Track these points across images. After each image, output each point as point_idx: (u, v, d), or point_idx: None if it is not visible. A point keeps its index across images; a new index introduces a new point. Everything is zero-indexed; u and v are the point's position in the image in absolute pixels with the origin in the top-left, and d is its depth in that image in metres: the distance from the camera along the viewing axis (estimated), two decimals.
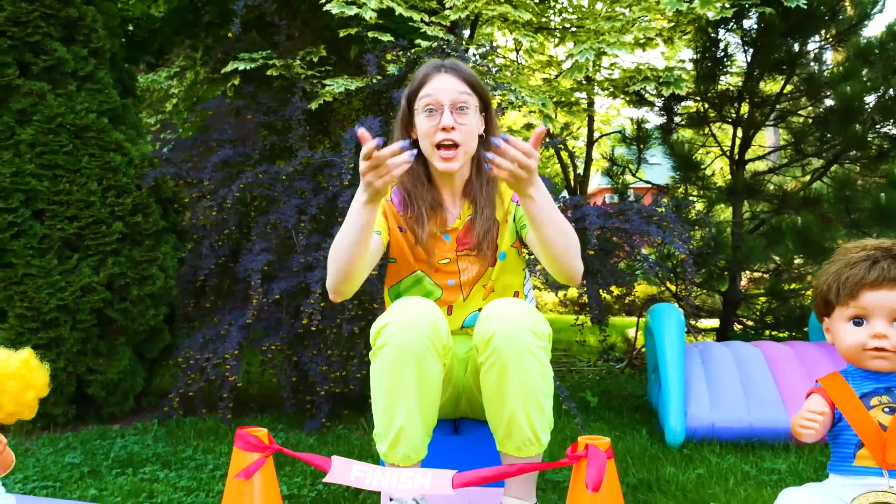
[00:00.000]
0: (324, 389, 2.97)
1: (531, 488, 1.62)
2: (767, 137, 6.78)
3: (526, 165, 1.44)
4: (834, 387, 0.99)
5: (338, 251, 1.61)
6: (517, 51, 6.15)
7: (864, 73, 3.50)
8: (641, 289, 5.64)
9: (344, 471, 1.22)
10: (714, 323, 4.45)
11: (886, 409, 0.94)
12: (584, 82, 4.84)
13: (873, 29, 4.66)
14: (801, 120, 4.02)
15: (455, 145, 1.73)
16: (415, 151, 1.49)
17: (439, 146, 1.73)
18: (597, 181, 9.35)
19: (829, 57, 4.26)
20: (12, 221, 2.89)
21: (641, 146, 4.11)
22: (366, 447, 2.63)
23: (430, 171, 1.86)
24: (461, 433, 1.98)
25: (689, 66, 4.33)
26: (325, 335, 3.04)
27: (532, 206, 1.53)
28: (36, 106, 3.02)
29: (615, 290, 3.91)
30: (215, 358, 2.97)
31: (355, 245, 1.57)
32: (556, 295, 7.71)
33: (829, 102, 3.86)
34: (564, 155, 6.89)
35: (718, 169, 4.52)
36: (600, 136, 6.70)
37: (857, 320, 0.98)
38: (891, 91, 3.48)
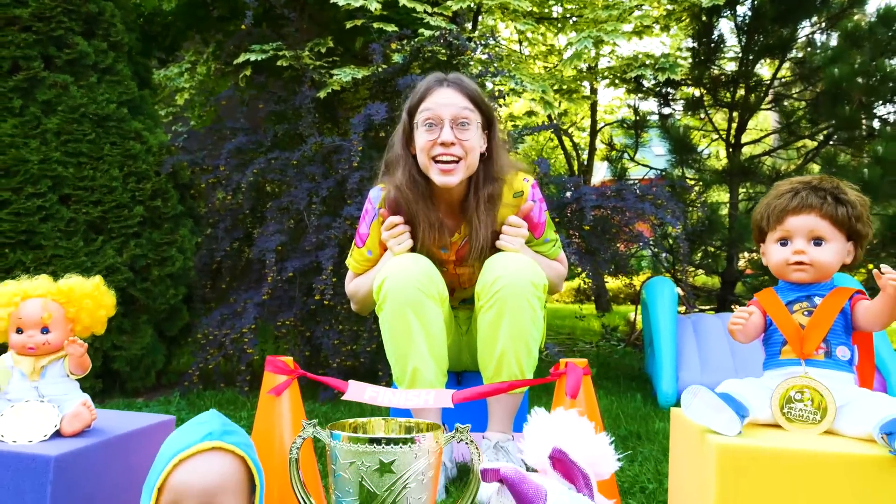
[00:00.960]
0: (335, 362, 3.21)
1: (510, 423, 1.86)
2: (772, 121, 6.98)
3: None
4: (765, 297, 1.22)
5: (364, 296, 2.00)
6: (520, 43, 6.39)
7: (852, 55, 3.69)
8: (645, 277, 5.87)
9: (359, 391, 1.45)
10: (713, 306, 4.66)
11: (805, 313, 1.17)
12: (586, 70, 5.06)
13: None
14: (795, 103, 4.23)
15: (456, 160, 1.79)
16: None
17: (437, 160, 1.80)
18: (602, 173, 9.58)
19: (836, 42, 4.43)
20: (41, 205, 3.14)
21: (639, 130, 4.34)
22: (376, 414, 2.86)
23: (431, 187, 1.90)
24: (463, 384, 2.21)
25: (686, 53, 4.55)
26: (336, 311, 3.28)
27: None
28: (60, 97, 3.27)
29: (621, 278, 4.11)
30: (233, 333, 3.21)
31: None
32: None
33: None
34: (569, 146, 7.12)
35: (715, 152, 4.74)
36: (603, 126, 6.93)
37: (783, 241, 1.21)
38: (878, 75, 3.68)
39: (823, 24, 4.27)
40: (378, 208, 1.98)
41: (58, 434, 1.15)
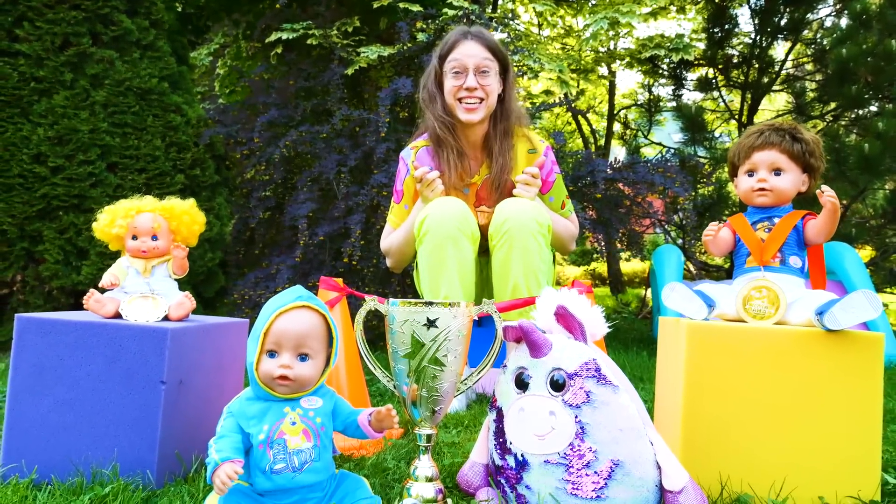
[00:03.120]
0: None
1: None
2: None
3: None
4: (735, 220, 1.54)
5: (399, 245, 2.31)
6: (539, 25, 6.69)
7: (861, 37, 3.97)
8: None
9: None
10: None
11: (766, 230, 1.49)
12: (604, 52, 5.36)
13: None
14: (806, 84, 4.50)
15: (479, 101, 2.21)
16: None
17: (462, 101, 2.21)
18: (622, 158, 9.89)
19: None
20: (91, 172, 3.51)
21: (653, 109, 4.64)
22: None
23: (456, 127, 2.31)
24: (483, 326, 2.54)
25: (703, 34, 4.84)
26: (362, 274, 3.62)
27: None
28: (107, 71, 3.63)
29: (633, 259, 4.41)
30: (267, 293, 3.56)
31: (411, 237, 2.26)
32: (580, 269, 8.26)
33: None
34: (586, 129, 7.41)
35: (727, 133, 5.02)
36: (620, 110, 7.23)
37: (750, 173, 1.53)
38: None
39: (838, 7, 4.54)
40: (411, 162, 2.32)
41: (166, 318, 1.49)
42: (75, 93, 3.56)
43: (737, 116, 4.69)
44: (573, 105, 4.16)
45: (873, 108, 4.20)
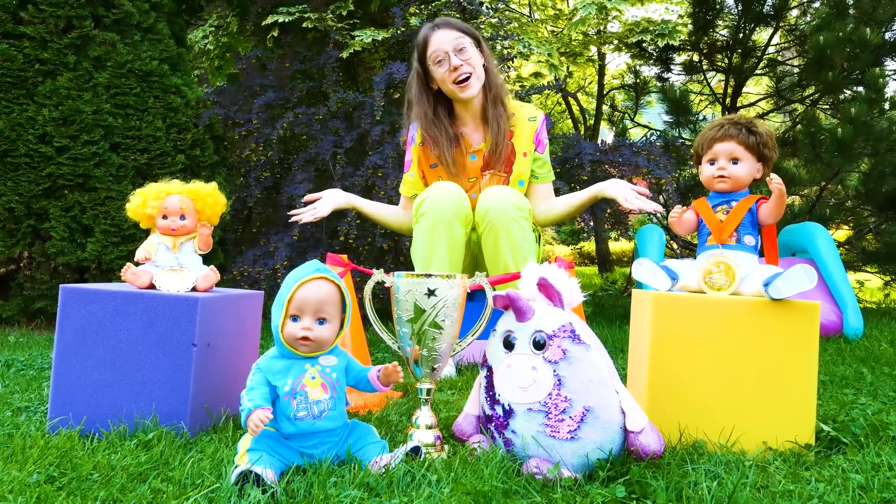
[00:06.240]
0: (358, 299, 3.77)
1: None
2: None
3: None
4: (698, 203, 1.77)
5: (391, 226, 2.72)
6: (529, 7, 6.86)
7: (837, 24, 4.18)
8: None
9: None
10: None
11: (725, 212, 1.72)
12: (594, 35, 5.55)
13: None
14: (789, 67, 4.73)
15: (468, 77, 2.46)
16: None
17: (456, 82, 2.46)
18: (610, 139, 10.10)
19: None
20: (95, 152, 3.69)
21: (640, 93, 4.85)
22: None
23: (453, 109, 2.59)
24: (475, 300, 2.77)
25: (688, 19, 5.04)
26: (358, 252, 3.84)
27: (585, 206, 2.54)
28: (109, 54, 3.80)
29: (622, 239, 4.63)
30: (266, 270, 3.77)
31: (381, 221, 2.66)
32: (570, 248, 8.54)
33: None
34: (576, 110, 7.61)
35: (713, 115, 5.25)
36: (610, 90, 7.43)
37: (711, 162, 1.76)
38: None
39: None
40: (418, 132, 2.63)
41: (194, 289, 1.71)
42: (78, 74, 3.73)
43: (721, 100, 4.91)
44: (563, 88, 4.36)
45: (849, 94, 4.43)
